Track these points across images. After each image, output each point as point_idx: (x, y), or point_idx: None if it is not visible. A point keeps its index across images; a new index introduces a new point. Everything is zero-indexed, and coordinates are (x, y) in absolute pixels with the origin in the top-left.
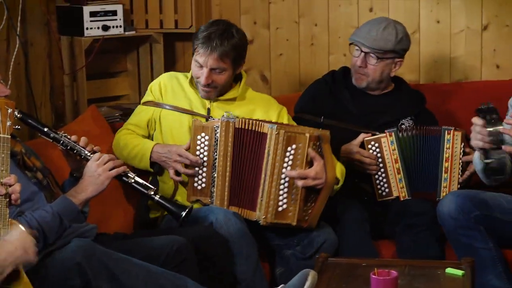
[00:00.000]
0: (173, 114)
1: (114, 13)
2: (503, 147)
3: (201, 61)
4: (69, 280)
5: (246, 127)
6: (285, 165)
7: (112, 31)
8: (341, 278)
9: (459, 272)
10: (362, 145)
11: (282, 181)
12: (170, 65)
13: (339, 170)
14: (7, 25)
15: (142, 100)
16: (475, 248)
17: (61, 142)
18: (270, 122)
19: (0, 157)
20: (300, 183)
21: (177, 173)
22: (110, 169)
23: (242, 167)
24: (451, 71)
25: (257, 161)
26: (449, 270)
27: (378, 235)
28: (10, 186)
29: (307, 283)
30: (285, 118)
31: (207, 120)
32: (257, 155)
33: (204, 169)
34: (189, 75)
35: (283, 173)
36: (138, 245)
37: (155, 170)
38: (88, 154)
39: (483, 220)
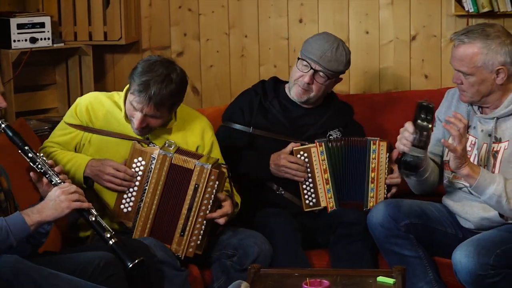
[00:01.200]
0: (107, 140)
1: (42, 25)
2: (442, 140)
3: (137, 107)
4: None
5: (180, 164)
6: (210, 202)
7: (40, 43)
8: None
9: (390, 281)
10: (292, 154)
11: (204, 218)
12: (100, 77)
13: (237, 194)
14: None
15: (66, 120)
16: (406, 256)
17: (37, 163)
18: (196, 156)
19: None
20: (222, 221)
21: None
22: (74, 200)
23: (168, 201)
24: (381, 81)
25: (181, 196)
26: (380, 278)
27: (310, 245)
28: None
29: None
30: (216, 149)
31: (148, 145)
32: (182, 190)
33: (134, 193)
34: (120, 103)
35: (208, 211)
36: (65, 260)
37: (88, 185)
38: (58, 181)
39: (413, 228)
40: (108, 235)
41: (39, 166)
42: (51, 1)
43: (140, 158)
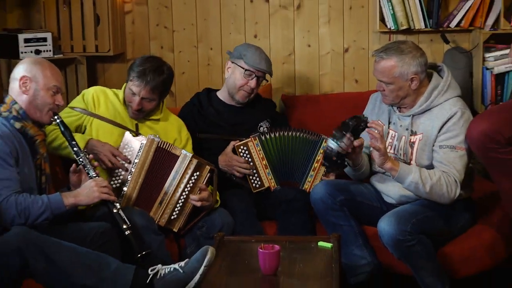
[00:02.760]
0: (104, 125)
1: (44, 39)
2: (370, 143)
3: (135, 90)
4: (10, 260)
5: (165, 148)
6: (188, 186)
7: (43, 55)
8: (234, 252)
9: (329, 245)
10: (234, 150)
11: (182, 198)
12: (92, 83)
13: (218, 193)
14: None
15: (72, 105)
16: (341, 225)
17: (79, 157)
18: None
19: None
20: (199, 204)
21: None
22: (104, 193)
23: (151, 178)
24: (320, 85)
25: (164, 175)
26: (320, 243)
27: (262, 217)
28: None
29: (207, 257)
30: (190, 145)
31: (137, 135)
32: (165, 171)
33: (123, 172)
34: (119, 95)
35: (185, 193)
36: (70, 228)
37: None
38: (94, 175)
39: (346, 203)
40: (125, 227)
41: (81, 159)
42: (52, 19)
43: (130, 145)
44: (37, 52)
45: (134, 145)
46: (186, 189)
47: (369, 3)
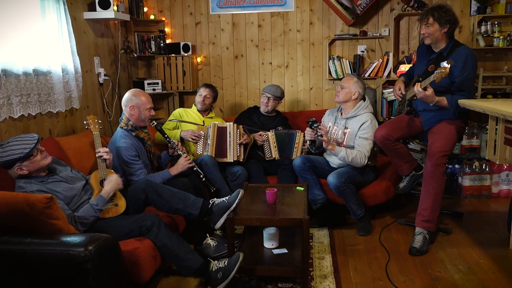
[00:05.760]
0: (186, 125)
1: (157, 83)
2: (319, 138)
3: (201, 92)
4: (139, 195)
5: (220, 126)
6: (237, 136)
7: (157, 91)
8: (253, 192)
9: (302, 188)
10: (261, 135)
11: (237, 143)
12: (181, 105)
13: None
14: (112, 88)
15: (170, 118)
16: (308, 178)
17: (171, 143)
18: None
19: (96, 142)
20: (244, 141)
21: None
22: (189, 164)
23: (220, 141)
24: (297, 106)
25: (224, 137)
26: (298, 188)
27: (267, 173)
28: (106, 152)
29: (239, 195)
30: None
31: (203, 125)
32: (224, 135)
33: (201, 143)
34: (193, 107)
35: (238, 140)
36: (169, 182)
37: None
38: (181, 153)
39: (311, 167)
40: (201, 175)
41: (173, 146)
42: (161, 72)
43: (202, 132)
44: (154, 89)
45: (204, 130)
46: (237, 138)
47: (323, 64)
